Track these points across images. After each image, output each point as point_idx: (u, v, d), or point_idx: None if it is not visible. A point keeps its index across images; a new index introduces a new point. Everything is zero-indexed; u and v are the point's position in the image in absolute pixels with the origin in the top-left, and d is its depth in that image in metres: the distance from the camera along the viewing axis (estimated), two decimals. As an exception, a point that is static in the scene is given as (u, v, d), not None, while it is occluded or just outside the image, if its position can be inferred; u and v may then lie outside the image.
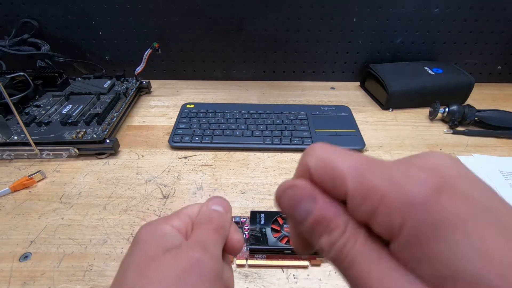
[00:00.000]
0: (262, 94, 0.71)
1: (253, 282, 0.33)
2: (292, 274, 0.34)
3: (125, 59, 0.74)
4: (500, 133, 0.56)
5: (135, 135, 0.56)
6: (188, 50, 0.73)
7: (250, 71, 0.77)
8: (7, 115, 0.53)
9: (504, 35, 0.70)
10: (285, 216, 0.23)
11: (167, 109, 0.64)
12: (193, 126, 0.56)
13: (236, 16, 0.69)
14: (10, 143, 0.48)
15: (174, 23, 0.69)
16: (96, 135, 0.50)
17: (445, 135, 0.57)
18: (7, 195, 0.43)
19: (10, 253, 0.35)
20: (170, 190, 0.44)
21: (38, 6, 0.66)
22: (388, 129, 0.59)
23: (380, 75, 0.66)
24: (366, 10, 0.67)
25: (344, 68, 0.76)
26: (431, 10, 0.67)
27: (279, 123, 0.57)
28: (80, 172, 0.47)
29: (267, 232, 0.36)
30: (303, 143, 0.53)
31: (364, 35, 0.71)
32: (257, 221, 0.37)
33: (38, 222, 0.39)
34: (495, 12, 0.67)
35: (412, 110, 0.64)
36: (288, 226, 0.35)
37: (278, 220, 0.38)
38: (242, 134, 0.54)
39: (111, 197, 0.43)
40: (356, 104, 0.67)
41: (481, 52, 0.72)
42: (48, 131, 0.51)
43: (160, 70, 0.76)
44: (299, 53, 0.74)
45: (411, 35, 0.70)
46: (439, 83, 0.64)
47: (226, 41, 0.72)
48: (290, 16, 0.68)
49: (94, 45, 0.72)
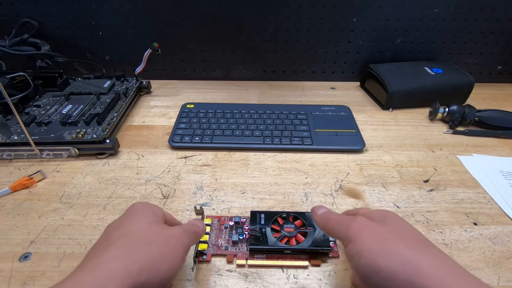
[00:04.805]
0: (262, 94, 0.71)
1: (253, 282, 0.33)
2: (292, 274, 0.34)
3: (125, 59, 0.74)
4: (500, 133, 0.56)
5: (135, 135, 0.56)
6: (188, 50, 0.73)
7: (250, 71, 0.77)
8: (7, 115, 0.53)
9: (504, 35, 0.70)
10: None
11: (167, 109, 0.64)
12: (193, 126, 0.56)
13: (236, 16, 0.69)
14: (10, 143, 0.48)
15: (174, 23, 0.69)
16: (96, 135, 0.50)
17: (445, 135, 0.57)
18: (7, 195, 0.43)
19: (10, 253, 0.35)
20: (170, 190, 0.44)
21: (38, 6, 0.66)
22: (388, 129, 0.59)
23: (380, 75, 0.66)
24: (366, 10, 0.67)
25: (344, 68, 0.76)
26: (431, 10, 0.67)
27: (279, 123, 0.57)
28: (80, 172, 0.47)
29: (267, 232, 0.36)
30: (303, 143, 0.53)
31: (364, 35, 0.71)
32: (257, 221, 0.37)
33: (38, 222, 0.39)
34: (495, 12, 0.67)
35: (412, 110, 0.64)
36: (290, 226, 0.36)
37: (278, 220, 0.37)
38: (242, 134, 0.54)
39: (111, 197, 0.43)
40: (356, 104, 0.67)
41: (481, 52, 0.72)
42: (48, 131, 0.51)
43: (160, 70, 0.76)
44: (299, 53, 0.74)
45: (411, 35, 0.70)
46: (439, 83, 0.64)
47: (226, 41, 0.72)
48: (290, 16, 0.68)
49: (94, 45, 0.72)
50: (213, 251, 0.35)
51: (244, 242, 0.36)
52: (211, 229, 0.37)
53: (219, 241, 0.36)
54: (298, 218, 0.37)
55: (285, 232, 0.36)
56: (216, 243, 0.36)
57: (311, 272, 0.34)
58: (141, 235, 0.25)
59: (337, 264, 0.34)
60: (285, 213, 0.38)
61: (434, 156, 0.52)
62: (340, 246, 0.36)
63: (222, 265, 0.34)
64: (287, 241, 0.35)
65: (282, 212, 0.38)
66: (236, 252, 0.35)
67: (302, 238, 0.35)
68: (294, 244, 0.34)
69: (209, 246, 0.36)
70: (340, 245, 0.36)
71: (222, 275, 0.33)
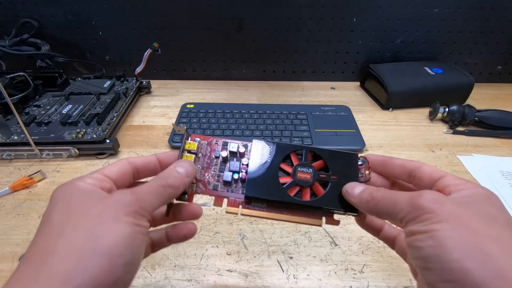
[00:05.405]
0: (262, 94, 0.71)
1: (253, 282, 0.33)
2: (292, 274, 0.34)
3: (125, 59, 0.74)
4: (500, 133, 0.56)
5: (135, 135, 0.56)
6: (188, 50, 0.73)
7: (250, 71, 0.77)
8: (7, 115, 0.53)
9: (504, 35, 0.70)
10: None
11: (167, 109, 0.64)
12: (193, 126, 0.56)
13: (236, 16, 0.69)
14: (10, 143, 0.48)
15: (174, 23, 0.69)
16: (96, 135, 0.50)
17: (445, 135, 0.57)
18: (7, 195, 0.43)
19: (10, 253, 0.35)
20: (170, 190, 0.44)
21: (38, 6, 0.66)
22: (388, 129, 0.59)
23: (380, 75, 0.66)
24: (366, 10, 0.67)
25: (344, 68, 0.76)
26: (431, 10, 0.67)
27: (279, 123, 0.57)
28: (80, 172, 0.47)
29: (272, 174, 0.25)
30: (303, 143, 0.53)
31: (364, 35, 0.71)
32: (261, 156, 0.26)
33: (38, 222, 0.38)
34: (495, 12, 0.67)
35: (412, 110, 0.64)
36: (305, 170, 0.25)
37: (290, 157, 0.26)
38: (242, 134, 0.54)
39: (111, 197, 0.43)
40: (356, 104, 0.67)
41: (481, 52, 0.72)
42: (48, 131, 0.51)
43: (160, 70, 0.76)
44: (299, 53, 0.74)
45: (411, 35, 0.70)
46: (439, 83, 0.64)
47: (226, 41, 0.72)
48: (290, 16, 0.68)
49: (94, 45, 0.72)
50: (196, 190, 0.25)
51: (239, 182, 0.25)
52: (196, 157, 0.26)
53: (206, 175, 0.26)
54: (319, 157, 0.26)
55: (298, 178, 0.25)
56: (202, 178, 0.25)
57: (311, 272, 0.34)
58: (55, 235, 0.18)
59: (338, 264, 0.34)
60: (303, 148, 0.26)
61: (434, 156, 0.52)
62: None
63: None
64: (299, 191, 0.25)
65: (299, 146, 0.26)
66: (226, 194, 0.25)
67: (321, 190, 0.25)
68: (309, 197, 0.25)
69: (193, 182, 0.25)
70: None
71: (222, 275, 0.33)
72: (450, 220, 0.17)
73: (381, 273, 0.34)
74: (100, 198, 0.19)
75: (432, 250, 0.17)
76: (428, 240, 0.17)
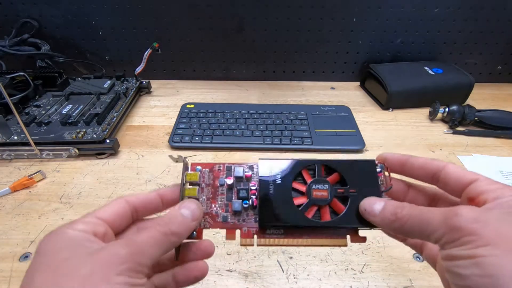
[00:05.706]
0: (262, 94, 0.71)
1: (253, 282, 0.33)
2: (292, 274, 0.34)
3: (125, 59, 0.74)
4: (500, 133, 0.56)
5: (135, 135, 0.56)
6: (188, 50, 0.73)
7: (250, 71, 0.77)
8: (7, 115, 0.53)
9: (504, 35, 0.70)
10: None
11: (167, 109, 0.64)
12: (193, 126, 0.56)
13: (236, 16, 0.69)
14: (10, 143, 0.48)
15: (174, 23, 0.69)
16: (96, 135, 0.50)
17: (445, 135, 0.57)
18: (7, 195, 0.43)
19: (10, 253, 0.35)
20: (170, 190, 0.44)
21: (38, 6, 0.66)
22: (388, 129, 0.59)
23: (380, 75, 0.66)
24: (366, 10, 0.67)
25: (344, 68, 0.76)
26: (431, 10, 0.67)
27: (279, 123, 0.57)
28: (80, 172, 0.47)
29: (285, 196, 0.23)
30: (303, 143, 0.53)
31: (364, 35, 0.71)
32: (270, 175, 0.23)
33: (38, 222, 0.39)
34: (495, 12, 0.67)
35: (412, 110, 0.64)
36: (321, 187, 0.22)
37: (303, 176, 0.23)
38: (242, 134, 0.54)
39: (111, 197, 0.43)
40: (356, 104, 0.67)
41: (481, 52, 0.72)
42: (48, 131, 0.51)
43: (160, 70, 0.76)
44: (299, 53, 0.74)
45: (411, 35, 0.70)
46: (439, 83, 0.64)
47: (226, 41, 0.72)
48: (290, 16, 0.68)
49: (94, 45, 0.72)
50: (204, 225, 0.23)
51: (251, 210, 0.23)
52: (199, 188, 0.24)
53: (213, 207, 0.23)
54: (333, 171, 0.23)
55: (314, 198, 0.22)
56: (209, 210, 0.23)
57: (311, 272, 0.34)
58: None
59: (338, 264, 0.34)
60: (315, 163, 0.23)
61: (434, 156, 0.52)
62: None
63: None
64: (317, 211, 0.22)
65: (310, 160, 0.23)
66: (238, 225, 0.23)
67: (342, 207, 0.22)
68: (329, 216, 0.22)
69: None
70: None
71: (222, 275, 0.33)
72: (498, 243, 0.14)
73: (381, 273, 0.34)
74: (90, 253, 0.16)
75: (480, 280, 0.14)
76: (473, 268, 0.15)
